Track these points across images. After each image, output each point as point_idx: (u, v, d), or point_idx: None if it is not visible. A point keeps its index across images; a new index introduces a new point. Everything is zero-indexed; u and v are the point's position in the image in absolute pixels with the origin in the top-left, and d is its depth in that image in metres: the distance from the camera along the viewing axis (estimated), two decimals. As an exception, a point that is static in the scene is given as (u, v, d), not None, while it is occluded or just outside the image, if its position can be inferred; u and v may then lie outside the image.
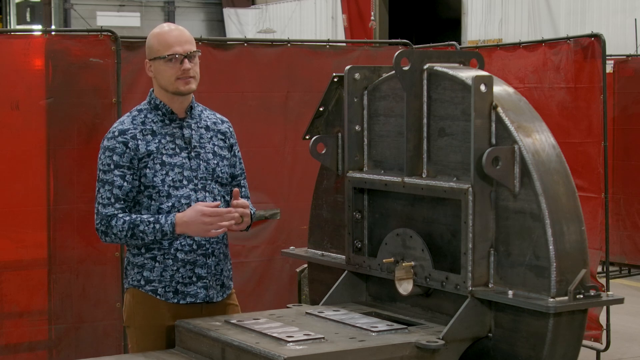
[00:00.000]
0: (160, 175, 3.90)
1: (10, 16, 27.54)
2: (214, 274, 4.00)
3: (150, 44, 3.99)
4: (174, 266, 3.92)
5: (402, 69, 3.82)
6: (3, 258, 5.83)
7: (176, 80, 3.92)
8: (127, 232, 3.84)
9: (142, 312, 3.95)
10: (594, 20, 14.44)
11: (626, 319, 8.26)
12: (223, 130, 4.10)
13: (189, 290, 3.95)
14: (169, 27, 4.00)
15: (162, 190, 3.90)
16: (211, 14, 26.42)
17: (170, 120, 3.98)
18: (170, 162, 3.92)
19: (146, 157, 3.90)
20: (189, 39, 3.98)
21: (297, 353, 3.35)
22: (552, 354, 3.44)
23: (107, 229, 3.88)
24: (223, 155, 4.06)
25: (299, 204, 6.42)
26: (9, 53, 5.83)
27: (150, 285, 3.93)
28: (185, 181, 3.93)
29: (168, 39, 3.93)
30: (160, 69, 3.94)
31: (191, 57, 3.95)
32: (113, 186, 3.88)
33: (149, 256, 3.93)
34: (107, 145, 3.92)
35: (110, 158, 3.90)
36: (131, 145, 3.89)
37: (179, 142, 3.97)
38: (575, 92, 7.03)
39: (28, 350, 5.91)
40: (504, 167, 3.50)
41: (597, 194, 6.89)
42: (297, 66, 6.62)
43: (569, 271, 3.44)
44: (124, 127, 3.94)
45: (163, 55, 3.91)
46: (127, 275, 4.02)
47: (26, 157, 5.89)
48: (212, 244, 3.99)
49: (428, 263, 3.78)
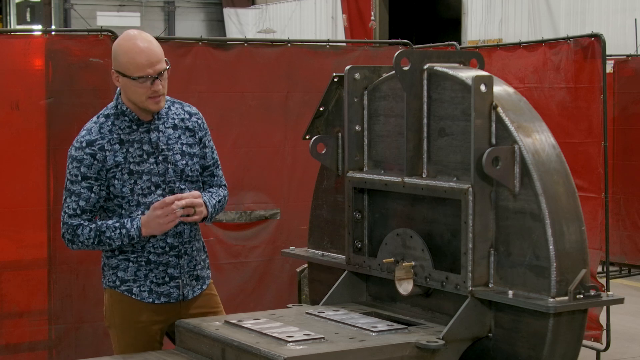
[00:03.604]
0: (129, 185, 3.90)
1: (10, 16, 27.53)
2: (187, 272, 4.04)
3: (119, 59, 3.85)
4: (147, 267, 3.96)
5: (402, 69, 3.81)
6: (3, 258, 5.83)
7: (147, 99, 3.86)
8: (94, 240, 3.88)
9: (120, 311, 4.00)
10: (594, 20, 14.43)
11: (626, 319, 8.26)
12: (191, 126, 4.04)
13: (162, 290, 3.99)
14: (140, 44, 3.83)
15: (131, 200, 3.91)
16: (211, 14, 26.40)
17: (137, 125, 3.95)
18: (138, 170, 3.91)
19: (114, 167, 3.89)
20: (159, 57, 3.85)
21: (297, 353, 3.35)
22: (552, 354, 3.44)
23: (73, 237, 3.91)
24: (192, 153, 4.02)
25: (299, 204, 6.42)
26: (9, 53, 5.83)
27: (125, 285, 3.98)
28: (154, 187, 3.93)
29: (138, 60, 3.80)
30: (129, 86, 3.85)
31: (162, 75, 3.86)
32: (80, 198, 3.88)
33: (122, 258, 3.97)
34: (75, 156, 3.89)
35: (77, 169, 3.88)
36: (99, 157, 3.87)
37: (146, 148, 3.94)
38: (575, 92, 7.02)
39: (28, 350, 5.91)
40: (504, 167, 3.50)
41: (597, 194, 6.88)
42: (297, 66, 6.62)
43: (569, 271, 3.44)
44: (91, 137, 3.89)
45: (134, 76, 3.81)
46: (104, 275, 4.06)
47: (26, 157, 5.88)
48: (184, 245, 4.01)
49: (428, 263, 3.78)
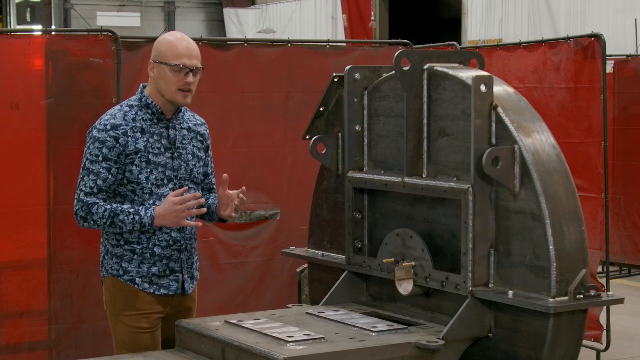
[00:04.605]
0: (145, 173, 4.05)
1: (10, 16, 27.54)
2: (186, 267, 4.18)
3: (160, 47, 4.10)
4: (151, 260, 4.10)
5: (402, 69, 3.82)
6: (3, 258, 5.82)
7: (176, 90, 4.06)
8: (107, 220, 4.00)
9: (122, 298, 4.12)
10: (594, 20, 14.43)
11: (626, 319, 8.25)
12: (202, 132, 4.28)
13: (162, 282, 4.12)
14: (183, 38, 4.12)
15: (145, 187, 4.06)
16: (211, 14, 26.40)
17: (158, 119, 4.12)
18: (155, 161, 4.07)
19: (133, 154, 4.04)
20: (197, 55, 4.12)
21: (297, 353, 3.35)
22: (552, 354, 3.44)
23: (86, 214, 4.02)
24: (200, 157, 4.24)
25: (299, 204, 6.42)
26: (9, 53, 5.82)
27: (128, 275, 4.11)
28: (166, 180, 4.10)
29: (179, 49, 4.06)
30: (164, 74, 4.06)
31: (196, 72, 4.07)
32: (98, 177, 4.02)
33: (128, 248, 4.10)
34: (97, 137, 4.06)
35: (99, 149, 4.04)
36: (121, 141, 4.03)
37: (164, 142, 4.11)
38: (575, 92, 7.02)
39: (28, 350, 5.91)
40: (504, 167, 3.50)
41: (597, 194, 6.88)
42: (297, 66, 6.61)
43: (569, 271, 3.44)
44: (116, 121, 4.07)
45: (171, 63, 4.03)
46: (103, 264, 4.18)
47: (26, 157, 5.88)
48: (185, 240, 4.17)
49: (428, 263, 3.78)
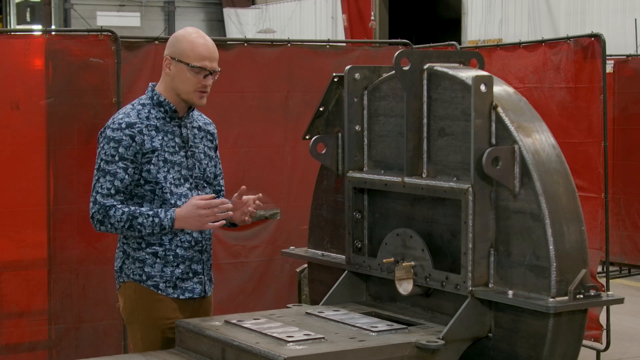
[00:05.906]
0: (163, 172, 3.95)
1: (10, 16, 27.51)
2: (207, 269, 4.11)
3: (180, 45, 3.99)
4: (174, 262, 3.98)
5: (402, 69, 3.81)
6: (3, 258, 5.82)
7: (194, 91, 3.99)
8: (125, 224, 3.87)
9: (146, 307, 3.98)
10: (594, 20, 14.42)
11: (626, 319, 8.26)
12: (212, 131, 4.21)
13: (186, 285, 4.02)
14: (205, 38, 4.04)
15: (165, 187, 3.95)
16: (211, 14, 26.38)
17: (171, 118, 4.03)
18: (171, 160, 3.98)
19: (150, 153, 3.93)
20: (217, 56, 4.06)
21: (297, 353, 3.35)
22: (552, 354, 3.44)
23: (104, 218, 3.89)
24: (211, 156, 4.16)
25: (299, 204, 6.42)
26: (9, 53, 5.83)
27: (152, 281, 3.98)
28: (183, 180, 4.00)
29: (201, 50, 3.98)
30: (182, 74, 3.98)
31: (214, 75, 4.03)
32: (115, 178, 3.90)
33: (150, 251, 3.98)
34: (113, 137, 3.92)
35: (115, 149, 3.91)
36: (138, 140, 3.92)
37: (177, 141, 4.03)
38: (575, 92, 7.02)
39: (28, 350, 5.91)
40: (504, 167, 3.50)
41: (597, 194, 6.88)
42: (297, 66, 6.61)
43: (569, 271, 3.44)
44: (130, 120, 3.95)
45: (192, 64, 3.96)
46: (122, 269, 4.03)
47: (26, 157, 5.88)
48: (205, 240, 4.09)
49: (428, 263, 3.78)
